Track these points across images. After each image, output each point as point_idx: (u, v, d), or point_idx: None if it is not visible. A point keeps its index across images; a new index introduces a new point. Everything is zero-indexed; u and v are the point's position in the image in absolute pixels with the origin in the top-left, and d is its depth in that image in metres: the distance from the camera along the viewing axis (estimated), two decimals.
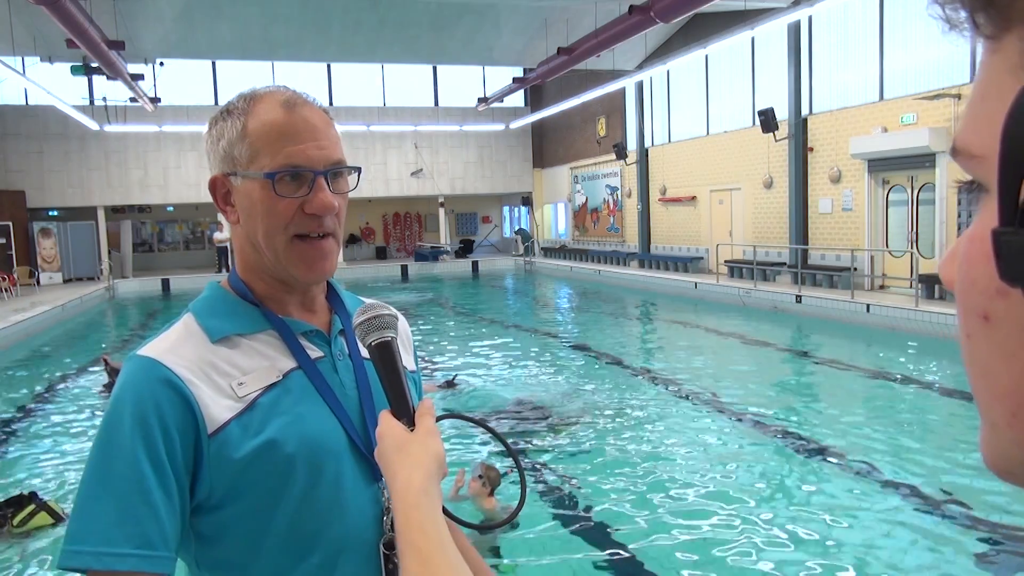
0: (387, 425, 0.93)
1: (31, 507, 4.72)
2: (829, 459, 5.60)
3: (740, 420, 6.67)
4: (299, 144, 1.00)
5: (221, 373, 0.99)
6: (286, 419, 0.98)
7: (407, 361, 1.19)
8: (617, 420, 6.77)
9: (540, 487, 5.19)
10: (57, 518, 4.75)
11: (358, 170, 1.08)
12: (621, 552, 4.21)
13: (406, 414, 0.95)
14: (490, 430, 1.08)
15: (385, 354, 0.98)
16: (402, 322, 1.25)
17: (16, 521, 4.65)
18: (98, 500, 0.90)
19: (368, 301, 1.04)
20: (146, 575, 0.89)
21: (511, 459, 1.10)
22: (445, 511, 0.96)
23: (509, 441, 1.16)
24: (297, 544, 0.97)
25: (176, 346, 0.99)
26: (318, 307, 1.12)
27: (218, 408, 0.95)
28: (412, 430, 0.93)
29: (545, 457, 5.84)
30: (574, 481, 5.29)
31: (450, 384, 8.25)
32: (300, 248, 1.02)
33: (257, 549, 0.97)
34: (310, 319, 1.10)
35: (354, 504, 1.01)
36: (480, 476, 4.50)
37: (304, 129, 1.01)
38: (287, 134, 1.01)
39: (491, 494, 4.51)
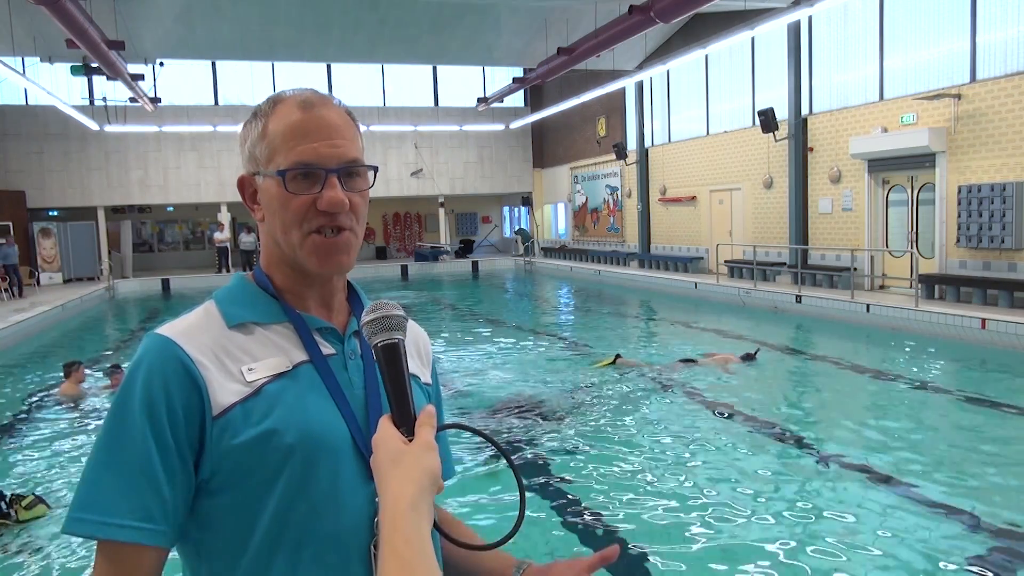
0: (384, 433, 0.93)
1: (31, 497, 4.88)
2: (826, 458, 5.60)
3: (738, 420, 6.67)
4: (312, 142, 1.03)
5: (232, 358, 1.01)
6: (290, 409, 0.99)
7: (422, 373, 1.19)
8: (614, 419, 6.77)
9: (536, 484, 5.19)
10: (51, 508, 4.93)
11: (375, 169, 1.10)
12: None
13: (406, 422, 0.93)
14: (494, 443, 1.05)
15: (391, 356, 0.96)
16: (423, 338, 1.25)
17: (20, 513, 4.76)
18: (105, 471, 0.93)
19: (380, 300, 1.04)
20: (144, 547, 0.92)
21: (512, 471, 1.07)
22: (439, 528, 0.94)
23: (508, 442, 1.14)
24: (289, 536, 0.97)
25: (193, 328, 1.03)
26: (337, 305, 1.13)
27: (225, 392, 0.98)
28: (410, 440, 0.91)
29: (540, 454, 5.84)
30: (569, 477, 5.29)
31: (750, 356, 8.65)
32: (316, 241, 1.04)
33: (249, 537, 0.97)
34: (328, 317, 1.11)
35: (350, 502, 1.00)
36: None
37: (318, 128, 1.04)
38: (301, 133, 1.03)
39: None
